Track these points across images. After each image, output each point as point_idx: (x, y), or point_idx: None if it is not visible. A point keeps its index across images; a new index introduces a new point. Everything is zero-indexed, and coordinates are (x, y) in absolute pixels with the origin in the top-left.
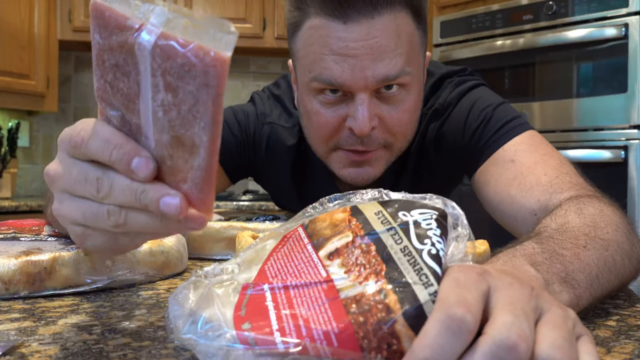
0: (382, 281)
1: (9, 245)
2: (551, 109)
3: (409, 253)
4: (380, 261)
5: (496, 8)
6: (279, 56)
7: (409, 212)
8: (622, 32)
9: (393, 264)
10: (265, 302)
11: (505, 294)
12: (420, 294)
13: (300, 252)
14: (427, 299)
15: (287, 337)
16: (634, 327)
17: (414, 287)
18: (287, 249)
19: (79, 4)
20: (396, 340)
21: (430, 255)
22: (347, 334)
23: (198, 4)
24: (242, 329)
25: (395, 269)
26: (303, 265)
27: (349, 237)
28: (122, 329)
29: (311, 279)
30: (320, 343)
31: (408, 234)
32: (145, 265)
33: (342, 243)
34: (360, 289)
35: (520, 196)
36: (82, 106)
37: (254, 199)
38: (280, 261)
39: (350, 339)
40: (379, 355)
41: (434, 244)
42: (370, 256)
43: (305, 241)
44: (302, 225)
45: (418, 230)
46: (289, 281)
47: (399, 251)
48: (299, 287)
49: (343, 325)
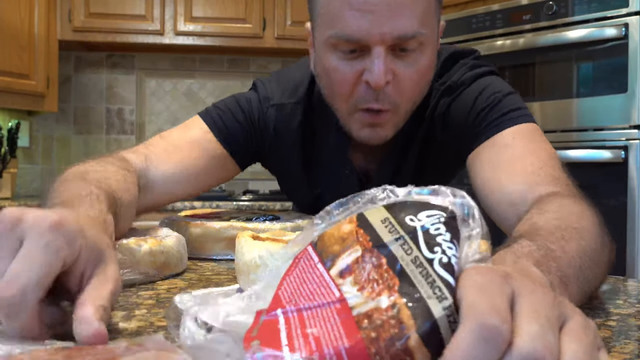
0: (395, 296)
1: None
2: (551, 109)
3: (421, 264)
4: (393, 275)
5: (496, 8)
6: (279, 56)
7: (416, 216)
8: (622, 32)
9: (406, 277)
10: (277, 325)
11: (530, 300)
12: (434, 309)
13: (312, 273)
14: (441, 314)
15: (295, 352)
16: (634, 327)
17: (427, 301)
18: (298, 271)
19: (79, 4)
20: (409, 357)
21: (441, 265)
22: (358, 349)
23: (198, 4)
24: (251, 345)
25: (409, 283)
26: (315, 287)
27: (358, 251)
28: (122, 328)
29: (324, 300)
30: (330, 358)
31: (417, 243)
32: (145, 265)
33: (352, 259)
34: (372, 304)
35: (506, 181)
36: (82, 106)
37: (254, 199)
38: (293, 284)
39: (362, 354)
40: None
41: (444, 252)
42: (382, 270)
43: (316, 260)
44: (312, 244)
45: (427, 238)
46: (302, 304)
47: (410, 263)
48: (312, 309)
49: (354, 341)
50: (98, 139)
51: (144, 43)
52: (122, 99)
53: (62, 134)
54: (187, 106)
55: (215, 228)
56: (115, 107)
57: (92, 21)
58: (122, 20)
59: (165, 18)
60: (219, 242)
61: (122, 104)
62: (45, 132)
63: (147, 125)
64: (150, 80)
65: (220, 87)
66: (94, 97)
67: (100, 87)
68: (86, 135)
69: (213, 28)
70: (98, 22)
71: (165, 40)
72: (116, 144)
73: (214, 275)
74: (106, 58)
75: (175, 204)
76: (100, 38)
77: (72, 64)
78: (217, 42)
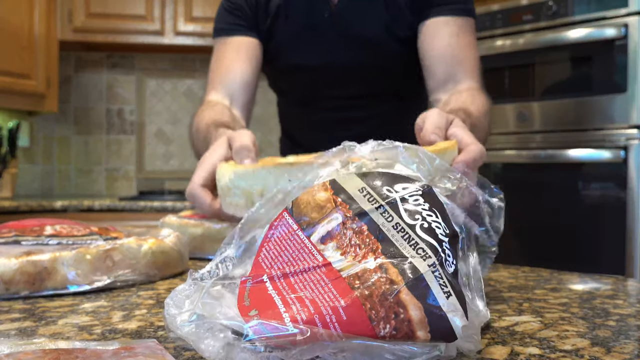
0: (381, 257)
1: (10, 249)
2: (551, 109)
3: (402, 229)
4: (375, 240)
5: (496, 8)
6: None
7: (392, 187)
8: (622, 32)
9: (388, 242)
10: (267, 291)
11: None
12: (419, 266)
13: (292, 239)
14: (426, 270)
15: (296, 316)
16: (634, 327)
17: (412, 260)
18: (277, 238)
19: (79, 4)
20: (403, 309)
21: (423, 230)
22: (355, 307)
23: (198, 4)
24: (250, 316)
25: (391, 246)
26: (297, 253)
27: (338, 218)
28: (122, 329)
29: (309, 265)
30: (329, 319)
31: (397, 211)
32: (145, 265)
33: (333, 225)
34: (360, 267)
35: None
36: (82, 106)
37: None
38: (272, 251)
39: (359, 311)
40: (387, 326)
41: (424, 218)
42: (363, 236)
43: (295, 227)
44: (287, 210)
45: (406, 206)
46: (287, 269)
47: (391, 228)
48: (299, 274)
49: (350, 300)
50: (98, 139)
51: (144, 43)
52: (122, 99)
53: (62, 134)
54: (187, 106)
55: (215, 228)
56: (115, 107)
57: (92, 21)
58: (122, 21)
59: (165, 18)
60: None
61: (122, 104)
62: (45, 132)
63: (147, 126)
64: (150, 80)
65: None
66: (94, 97)
67: (100, 87)
68: (86, 135)
69: None
70: (98, 23)
71: (165, 41)
72: (116, 144)
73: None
74: (106, 58)
75: (175, 204)
76: (101, 38)
77: (72, 64)
78: None
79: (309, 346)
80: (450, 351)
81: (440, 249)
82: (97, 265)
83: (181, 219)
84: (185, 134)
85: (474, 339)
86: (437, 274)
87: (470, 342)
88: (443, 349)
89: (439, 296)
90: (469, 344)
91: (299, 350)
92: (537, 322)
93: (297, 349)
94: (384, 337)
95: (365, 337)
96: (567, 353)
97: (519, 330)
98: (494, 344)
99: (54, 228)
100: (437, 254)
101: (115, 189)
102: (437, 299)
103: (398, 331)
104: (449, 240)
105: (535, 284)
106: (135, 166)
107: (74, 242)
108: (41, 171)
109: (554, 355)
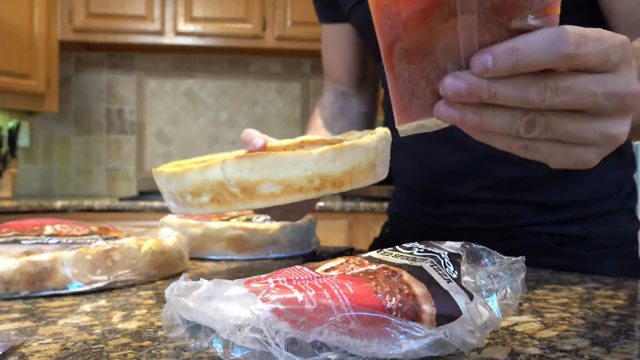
0: (382, 264)
1: (10, 248)
2: None
3: (401, 255)
4: (375, 264)
5: None
6: (279, 56)
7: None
8: None
9: (388, 262)
10: (274, 284)
11: None
12: (419, 263)
13: (297, 271)
14: (427, 265)
15: (306, 291)
16: (634, 327)
17: (411, 262)
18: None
19: (79, 4)
20: (406, 286)
21: (419, 251)
22: (362, 284)
23: (198, 5)
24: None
25: (392, 264)
26: (302, 275)
27: (342, 260)
28: (122, 329)
29: (313, 277)
30: (337, 292)
31: (397, 250)
32: (145, 265)
33: (337, 263)
34: (363, 269)
35: None
36: (83, 106)
37: None
38: (277, 274)
39: (365, 286)
40: (393, 299)
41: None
42: (364, 265)
43: (299, 266)
44: None
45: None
46: (292, 277)
47: (390, 255)
48: (304, 280)
49: (357, 279)
50: (98, 139)
51: (144, 43)
52: (122, 99)
53: (62, 134)
54: (187, 106)
55: (215, 228)
56: (116, 107)
57: (93, 21)
58: (122, 21)
59: (166, 18)
60: (219, 242)
61: (122, 104)
62: (45, 132)
63: (147, 126)
64: (150, 80)
65: (220, 87)
66: (94, 97)
67: (100, 87)
68: (86, 135)
69: (213, 28)
70: (98, 23)
71: (166, 41)
72: (116, 144)
73: (214, 275)
74: (106, 58)
75: None
76: (101, 38)
77: (73, 64)
78: (217, 42)
79: (317, 314)
80: (454, 340)
81: (440, 258)
82: (97, 265)
83: (181, 219)
84: (185, 134)
85: (477, 337)
86: (436, 268)
87: (473, 338)
88: (448, 334)
89: (440, 280)
90: (472, 339)
91: (307, 318)
92: (537, 322)
93: (305, 317)
94: (390, 310)
95: (372, 308)
96: (567, 353)
97: (519, 330)
98: (494, 344)
99: (54, 228)
100: (436, 259)
101: (115, 189)
102: (439, 282)
103: (404, 304)
104: (449, 254)
105: (535, 284)
106: (135, 166)
107: (74, 241)
108: (41, 171)
109: (554, 355)
